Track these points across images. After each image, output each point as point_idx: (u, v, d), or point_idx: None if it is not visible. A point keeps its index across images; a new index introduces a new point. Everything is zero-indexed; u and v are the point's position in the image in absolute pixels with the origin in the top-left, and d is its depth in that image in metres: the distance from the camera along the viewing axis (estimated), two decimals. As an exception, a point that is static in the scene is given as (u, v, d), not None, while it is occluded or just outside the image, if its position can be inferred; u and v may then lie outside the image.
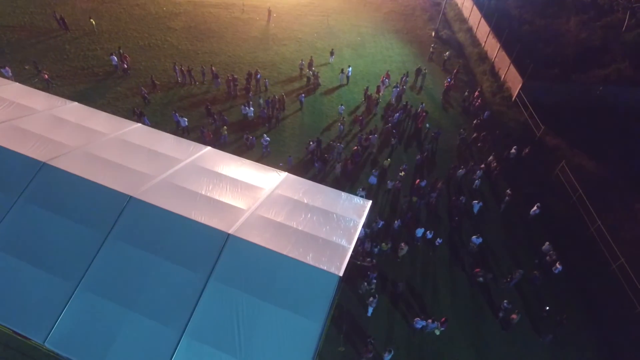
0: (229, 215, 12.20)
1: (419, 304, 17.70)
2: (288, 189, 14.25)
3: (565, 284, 19.05)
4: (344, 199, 14.49)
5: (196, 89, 27.48)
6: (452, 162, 24.15)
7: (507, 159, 24.67)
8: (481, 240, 18.63)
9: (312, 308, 10.78)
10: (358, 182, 22.48)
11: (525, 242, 20.75)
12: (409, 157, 24.65)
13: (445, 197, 22.33)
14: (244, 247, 11.28)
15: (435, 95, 29.79)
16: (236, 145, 23.81)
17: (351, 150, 23.65)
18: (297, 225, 12.48)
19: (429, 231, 19.43)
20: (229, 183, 13.67)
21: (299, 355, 10.42)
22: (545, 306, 17.60)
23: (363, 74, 30.64)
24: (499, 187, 23.22)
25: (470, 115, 28.09)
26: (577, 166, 24.41)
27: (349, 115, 26.80)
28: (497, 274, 18.99)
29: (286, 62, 31.00)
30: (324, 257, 11.35)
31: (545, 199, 22.41)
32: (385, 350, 15.34)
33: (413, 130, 26.65)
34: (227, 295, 10.77)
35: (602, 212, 21.48)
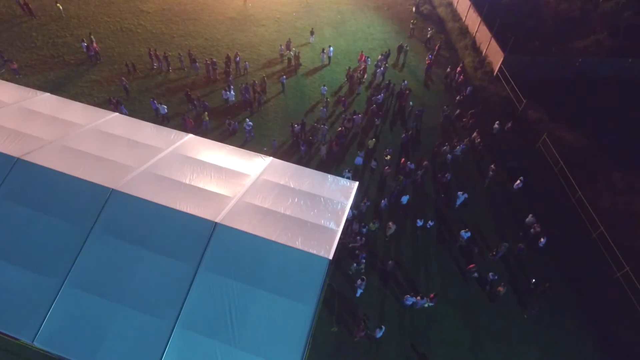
0: (215, 204, 12.02)
1: (409, 282, 18.00)
2: (274, 174, 14.08)
3: (549, 256, 19.56)
4: (330, 181, 14.42)
5: (174, 75, 26.68)
6: (437, 139, 24.22)
7: (491, 134, 24.87)
8: (470, 234, 18.73)
9: (304, 292, 10.82)
10: (344, 164, 22.41)
11: (510, 215, 21.16)
12: (394, 136, 24.63)
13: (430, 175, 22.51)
14: (232, 235, 11.17)
15: (418, 72, 29.62)
16: (218, 131, 23.37)
17: (336, 132, 23.47)
18: (284, 210, 12.40)
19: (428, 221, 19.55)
20: (213, 171, 13.42)
21: (293, 338, 10.51)
22: (531, 279, 18.09)
23: (345, 53, 30.18)
24: (483, 163, 23.48)
25: (453, 92, 28.10)
26: (558, 138, 24.81)
27: (332, 96, 26.48)
28: (483, 248, 19.38)
29: (266, 44, 30.27)
30: (313, 241, 11.33)
31: (528, 172, 22.78)
32: (377, 327, 15.64)
33: (397, 108, 26.55)
34: (218, 283, 10.71)
35: (583, 183, 22.01)
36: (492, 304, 17.58)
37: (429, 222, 19.36)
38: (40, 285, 10.82)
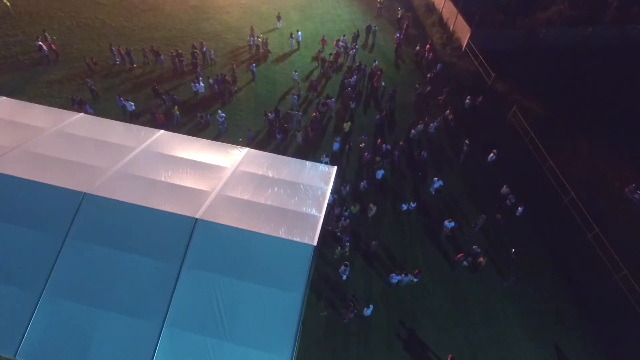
0: (193, 200, 11.81)
1: (392, 260, 18.33)
2: (251, 165, 13.91)
3: (526, 225, 20.24)
4: (309, 168, 14.37)
5: (139, 70, 25.72)
6: (411, 118, 24.43)
7: (462, 110, 25.25)
8: (454, 224, 18.93)
9: (291, 280, 10.85)
10: (321, 149, 22.36)
11: (486, 187, 21.71)
12: (368, 118, 24.68)
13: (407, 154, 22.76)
14: (214, 229, 11.02)
15: (387, 52, 29.61)
16: (191, 125, 22.82)
17: (310, 117, 23.32)
18: (265, 200, 12.31)
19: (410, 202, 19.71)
20: (189, 166, 13.14)
21: (284, 327, 10.57)
22: (511, 248, 18.70)
23: (313, 37, 29.79)
24: (455, 138, 23.88)
25: (424, 69, 28.27)
26: (527, 109, 25.44)
27: (303, 81, 26.20)
28: (462, 222, 19.87)
29: (232, 31, 29.51)
30: (296, 229, 11.33)
31: (501, 145, 23.35)
32: (365, 306, 15.94)
33: (369, 90, 26.54)
34: (203, 280, 10.60)
35: (553, 151, 22.76)
36: (474, 275, 18.15)
37: (411, 204, 19.65)
38: (17, 297, 10.44)
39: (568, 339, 16.67)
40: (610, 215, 20.74)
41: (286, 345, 10.49)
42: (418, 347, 16.00)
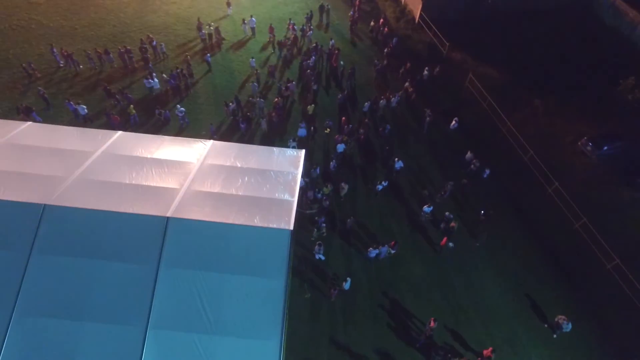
0: (162, 198, 11.49)
1: (369, 235, 18.69)
2: (218, 157, 13.64)
3: (492, 186, 21.07)
4: (277, 154, 14.25)
5: (87, 71, 24.39)
6: (373, 94, 24.60)
7: (421, 81, 25.65)
8: (432, 208, 19.12)
9: (272, 267, 10.86)
10: (287, 134, 22.22)
11: (450, 155, 22.35)
12: (331, 98, 24.66)
13: (372, 130, 23.01)
14: (187, 226, 10.80)
15: (343, 30, 29.46)
16: (150, 124, 22.04)
17: (273, 103, 23.04)
18: (236, 191, 12.15)
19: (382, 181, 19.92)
20: (154, 165, 12.71)
21: (270, 313, 10.62)
22: (480, 210, 19.46)
23: (267, 21, 29.09)
24: (416, 108, 24.30)
25: (380, 45, 28.37)
26: (482, 75, 26.16)
27: (262, 68, 25.73)
28: (431, 191, 20.44)
29: (181, 22, 28.40)
30: (271, 216, 11.28)
31: (461, 112, 24.01)
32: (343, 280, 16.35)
33: (329, 70, 26.44)
34: (183, 277, 10.42)
35: (510, 113, 23.65)
36: (447, 239, 18.82)
37: (383, 182, 19.89)
38: (-14, 322, 9.92)
39: (538, 287, 17.73)
40: (567, 168, 21.94)
41: (274, 330, 10.57)
42: (402, 314, 16.57)
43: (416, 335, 16.00)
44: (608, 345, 16.40)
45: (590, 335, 16.59)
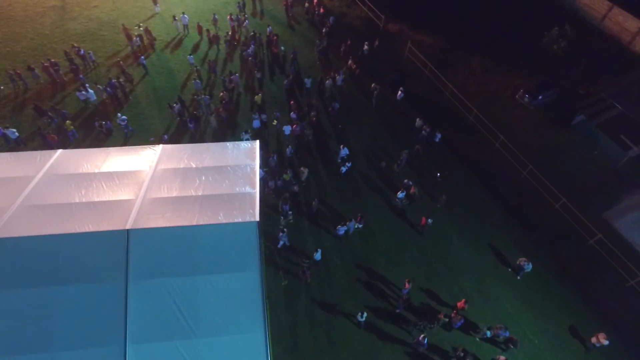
0: (119, 212, 11.05)
1: (335, 214, 19.01)
2: (171, 160, 13.23)
3: (444, 148, 21.93)
4: (231, 148, 14.02)
5: (8, 90, 22.55)
6: (318, 75, 24.63)
7: (363, 56, 25.95)
8: (405, 193, 19.27)
9: (244, 260, 10.85)
10: (239, 127, 21.88)
11: (401, 124, 22.98)
12: (277, 85, 24.43)
13: (322, 112, 23.13)
14: (150, 235, 10.50)
15: (278, 15, 29.04)
16: (91, 137, 20.89)
17: (219, 98, 22.51)
18: (195, 192, 11.90)
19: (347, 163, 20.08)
20: (103, 179, 12.14)
21: (250, 307, 10.66)
22: (436, 172, 20.24)
23: (199, 14, 28.13)
24: (362, 84, 24.65)
25: (318, 25, 28.28)
26: (420, 43, 26.85)
27: (201, 64, 24.95)
28: (388, 162, 20.97)
29: (107, 26, 26.78)
30: (235, 211, 11.20)
31: (405, 81, 24.62)
32: (314, 252, 16.71)
33: (270, 57, 26.09)
34: (154, 287, 10.18)
35: (451, 76, 24.55)
36: (411, 204, 19.53)
37: (347, 164, 20.07)
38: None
39: (498, 236, 18.90)
40: (509, 120, 23.23)
41: (257, 322, 10.64)
42: (379, 282, 17.15)
43: (395, 302, 16.65)
44: (566, 279, 17.87)
45: (548, 272, 17.98)
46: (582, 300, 17.30)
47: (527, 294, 17.31)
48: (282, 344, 15.26)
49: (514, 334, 15.73)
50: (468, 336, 16.03)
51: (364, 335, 15.84)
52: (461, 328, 15.90)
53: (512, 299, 17.15)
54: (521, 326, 16.42)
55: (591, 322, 16.54)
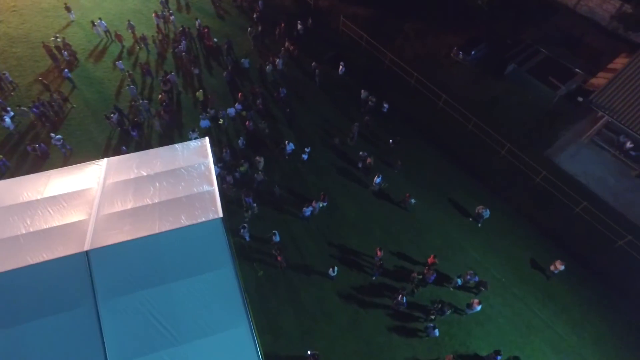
0: (73, 235, 10.50)
1: (298, 198, 19.10)
2: (119, 173, 12.65)
3: (392, 116, 22.42)
4: (180, 149, 13.60)
5: None
6: (257, 62, 24.19)
7: (299, 36, 25.73)
8: (381, 177, 19.28)
9: (215, 259, 10.75)
10: (184, 127, 21.19)
11: (347, 98, 23.20)
12: (216, 79, 23.76)
13: (269, 99, 22.87)
14: (112, 252, 10.10)
15: (205, 6, 27.95)
16: (27, 163, 19.45)
17: (158, 101, 21.59)
18: (152, 200, 11.51)
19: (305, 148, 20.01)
20: (48, 204, 11.43)
21: (230, 303, 10.63)
22: (388, 140, 20.73)
23: (120, 17, 26.47)
24: (302, 64, 24.53)
25: (248, 12, 27.58)
26: (353, 16, 26.95)
27: (133, 68, 23.71)
28: (341, 137, 21.21)
29: (19, 42, 24.62)
30: (197, 211, 10.99)
31: (344, 56, 24.76)
32: (272, 234, 16.91)
33: (205, 51, 25.23)
34: (126, 304, 9.88)
35: (387, 45, 24.97)
36: (369, 174, 19.97)
37: (306, 149, 19.98)
38: None
39: (455, 190, 19.86)
40: (448, 79, 24.12)
41: (240, 316, 10.66)
42: (352, 256, 17.59)
43: (370, 270, 17.17)
44: (521, 217, 19.18)
45: (505, 215, 19.19)
46: (537, 234, 18.69)
47: (489, 238, 18.44)
48: (269, 332, 15.40)
49: (483, 277, 16.81)
50: (442, 288, 16.94)
51: (346, 307, 16.30)
52: (435, 282, 16.74)
53: (477, 246, 18.21)
54: (488, 269, 17.55)
55: (548, 252, 17.94)
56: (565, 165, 20.68)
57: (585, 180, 20.12)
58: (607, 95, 19.48)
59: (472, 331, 16.04)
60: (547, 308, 16.71)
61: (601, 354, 15.74)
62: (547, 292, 17.12)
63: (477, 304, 15.64)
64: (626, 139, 20.39)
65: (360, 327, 15.93)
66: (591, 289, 17.20)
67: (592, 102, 19.74)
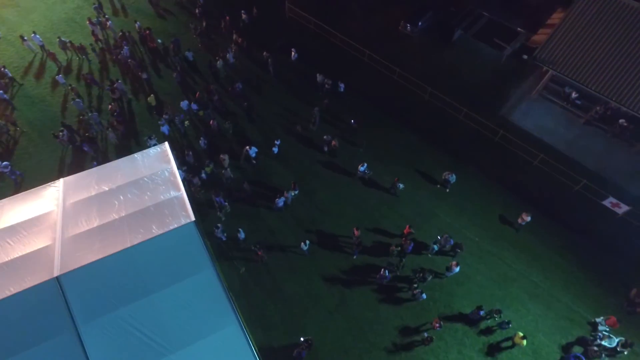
0: (40, 263, 10.03)
1: (269, 190, 19.00)
2: (79, 191, 12.11)
3: (350, 95, 22.50)
4: (140, 158, 13.14)
5: None
6: (207, 59, 23.53)
7: (246, 27, 25.15)
8: (366, 165, 19.32)
9: (195, 263, 10.62)
10: (141, 135, 20.46)
11: (304, 84, 23.06)
12: (167, 81, 22.96)
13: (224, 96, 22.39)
14: (84, 274, 9.73)
15: (143, 7, 26.72)
16: (-25, 196, 18.22)
17: (109, 111, 20.68)
18: (118, 214, 11.13)
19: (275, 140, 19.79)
20: (6, 235, 10.79)
21: (216, 304, 10.59)
22: (350, 120, 20.84)
23: (53, 29, 24.91)
24: (253, 55, 24.09)
25: (189, 8, 26.62)
26: (298, 0, 26.58)
27: (76, 81, 22.49)
28: (303, 124, 21.14)
29: (-57, 68, 22.74)
30: (167, 218, 10.74)
31: (295, 41, 24.51)
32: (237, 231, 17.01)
33: (151, 53, 24.24)
34: (108, 323, 9.61)
35: (336, 25, 24.90)
36: (336, 157, 20.11)
37: (276, 142, 19.75)
38: None
39: (420, 159, 20.36)
40: (399, 51, 24.41)
41: (228, 316, 10.64)
42: (330, 239, 17.80)
43: (350, 250, 17.46)
44: (485, 177, 19.96)
45: (470, 177, 19.85)
46: (502, 190, 19.53)
47: (458, 201, 19.12)
48: (260, 326, 15.45)
49: (458, 240, 17.47)
50: (421, 256, 17.49)
51: (332, 290, 16.56)
52: (413, 251, 17.23)
53: (447, 210, 18.85)
54: (461, 231, 18.24)
55: (514, 206, 18.81)
56: (519, 122, 21.60)
57: (539, 134, 21.12)
58: (549, 50, 20.38)
59: (454, 292, 16.73)
60: (520, 259, 17.64)
61: (573, 293, 16.85)
62: (518, 244, 18.04)
63: (455, 265, 16.28)
64: (571, 90, 21.49)
65: (348, 306, 16.26)
66: (557, 235, 18.26)
67: (536, 59, 20.59)
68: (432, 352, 15.43)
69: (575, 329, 16.04)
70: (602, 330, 15.64)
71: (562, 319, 16.28)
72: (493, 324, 15.92)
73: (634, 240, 17.99)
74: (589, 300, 16.70)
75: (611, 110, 21.10)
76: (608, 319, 15.75)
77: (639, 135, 20.28)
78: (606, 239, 18.05)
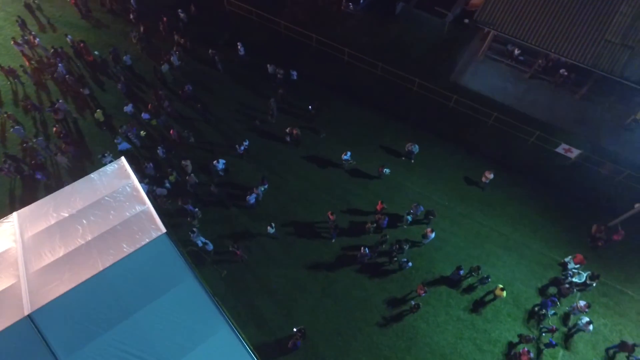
0: (7, 303, 9.52)
1: (238, 189, 18.73)
2: (37, 222, 11.49)
3: (303, 82, 22.33)
4: (98, 177, 12.60)
5: None
6: (150, 65, 22.60)
7: (185, 25, 24.26)
8: (350, 154, 19.03)
9: (174, 274, 10.45)
10: (94, 154, 19.53)
11: (255, 77, 22.65)
12: (111, 94, 21.88)
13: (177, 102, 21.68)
14: (57, 307, 9.33)
15: (72, 19, 25.10)
16: None
17: (54, 134, 19.57)
18: (83, 238, 10.68)
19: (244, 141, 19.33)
20: (-35, 281, 10.16)
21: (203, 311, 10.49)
22: (307, 107, 20.74)
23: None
24: (199, 54, 23.36)
25: (123, 14, 25.30)
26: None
27: (16, 108, 21.06)
28: (261, 117, 20.85)
29: None
30: (137, 235, 10.43)
31: (240, 34, 23.95)
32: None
33: (88, 67, 22.94)
34: (94, 351, 9.30)
35: (278, 12, 24.52)
36: (299, 147, 20.05)
37: (245, 142, 19.33)
38: None
39: (382, 134, 20.66)
40: (346, 31, 24.41)
41: (217, 320, 10.58)
42: (306, 228, 17.88)
43: (328, 235, 17.60)
44: (445, 142, 20.55)
45: (430, 144, 20.31)
46: (464, 153, 20.19)
47: (423, 170, 19.63)
48: (251, 324, 15.42)
49: (429, 206, 17.98)
50: (397, 229, 17.90)
51: (316, 276, 16.71)
52: (389, 225, 17.60)
53: (415, 180, 19.33)
54: (431, 197, 18.79)
55: (477, 167, 19.50)
56: (470, 85, 22.28)
57: (490, 93, 21.89)
58: (487, 11, 20.95)
59: (433, 258, 17.30)
60: (489, 215, 18.42)
61: (541, 239, 17.85)
62: (485, 201, 18.81)
63: (430, 232, 16.79)
64: (513, 47, 22.33)
65: (335, 289, 16.48)
66: (520, 187, 19.16)
67: (477, 21, 21.16)
68: (421, 318, 15.97)
69: (548, 272, 17.05)
70: (571, 268, 16.70)
71: (535, 265, 17.25)
72: (474, 281, 16.63)
73: (588, 180, 19.19)
74: (556, 242, 17.75)
75: (552, 61, 22.14)
76: (575, 257, 16.82)
77: (580, 83, 21.43)
78: (564, 183, 19.16)
